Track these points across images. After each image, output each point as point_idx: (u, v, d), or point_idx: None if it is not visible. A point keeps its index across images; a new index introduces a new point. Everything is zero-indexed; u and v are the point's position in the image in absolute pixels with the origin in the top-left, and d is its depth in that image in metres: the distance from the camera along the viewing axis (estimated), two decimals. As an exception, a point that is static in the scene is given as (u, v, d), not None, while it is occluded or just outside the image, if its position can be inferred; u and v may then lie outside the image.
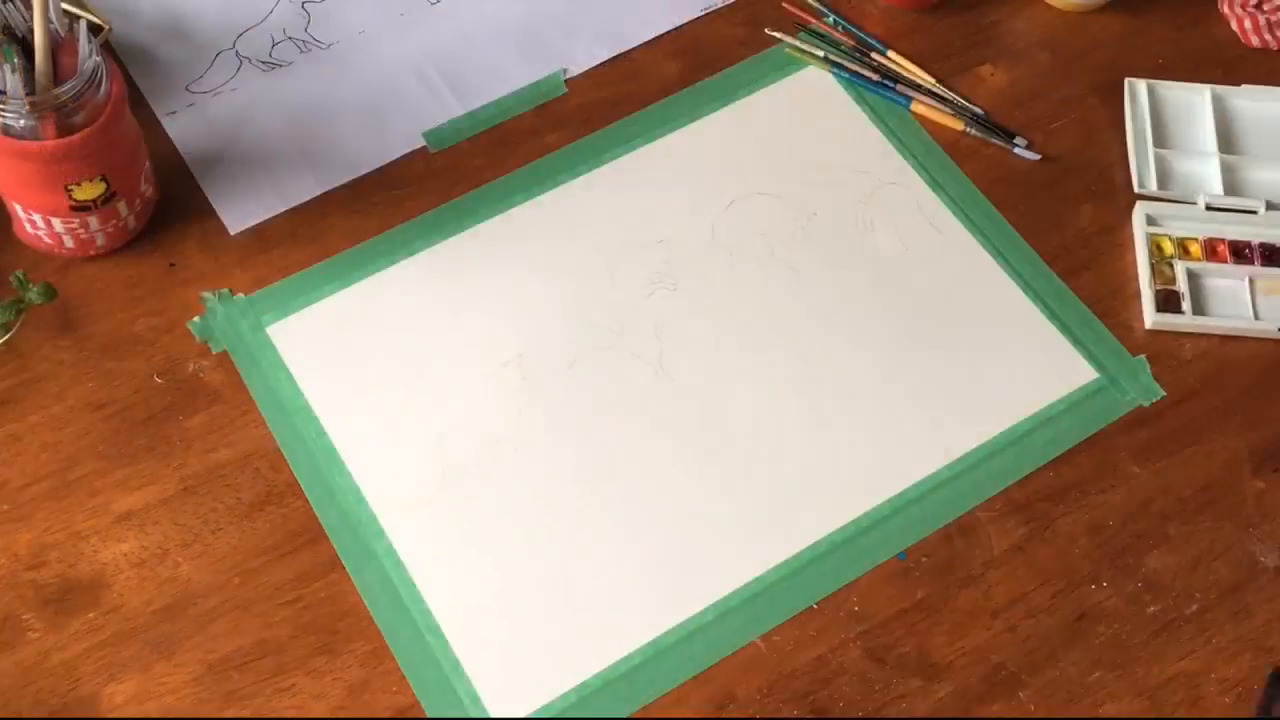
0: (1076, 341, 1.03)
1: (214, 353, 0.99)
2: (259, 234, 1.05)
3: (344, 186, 1.07)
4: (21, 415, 0.96)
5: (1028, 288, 1.05)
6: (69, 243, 1.01)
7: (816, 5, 1.18)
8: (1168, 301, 1.04)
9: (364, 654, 0.89)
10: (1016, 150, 1.11)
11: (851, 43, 1.16)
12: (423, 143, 1.09)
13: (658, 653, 0.90)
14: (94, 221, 0.99)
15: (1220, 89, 1.14)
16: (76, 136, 0.94)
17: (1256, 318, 1.04)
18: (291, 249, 1.04)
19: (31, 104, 0.92)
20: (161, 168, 1.06)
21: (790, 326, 1.02)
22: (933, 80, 1.14)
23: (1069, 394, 1.00)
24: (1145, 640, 0.91)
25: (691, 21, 1.17)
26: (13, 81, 0.92)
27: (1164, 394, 1.01)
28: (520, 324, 1.01)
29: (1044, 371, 1.01)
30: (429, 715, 0.87)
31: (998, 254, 1.06)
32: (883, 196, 1.09)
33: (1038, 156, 1.11)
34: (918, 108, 1.13)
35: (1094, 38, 1.18)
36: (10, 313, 0.97)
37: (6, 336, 0.97)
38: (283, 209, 1.06)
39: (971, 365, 1.01)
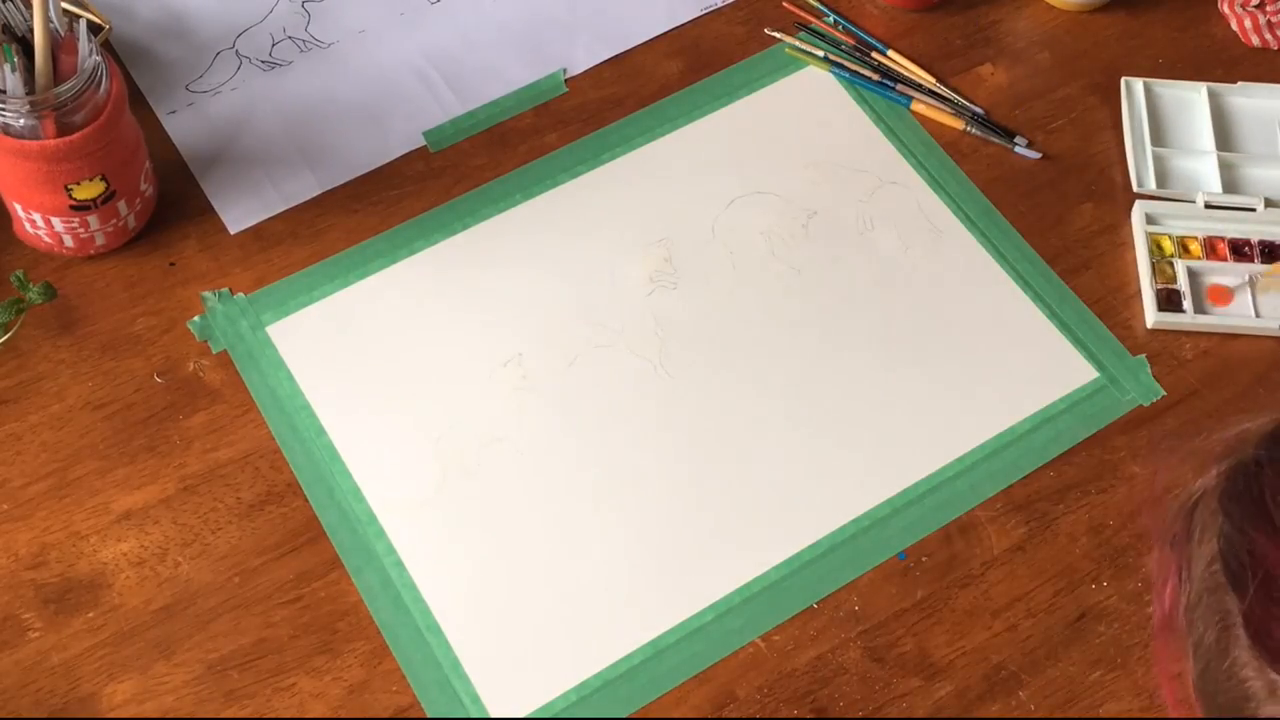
0: (1077, 341, 1.03)
1: (214, 352, 0.99)
2: (259, 233, 1.05)
3: (344, 186, 1.07)
4: (21, 415, 0.96)
5: (1028, 287, 1.05)
6: (69, 242, 1.01)
7: (816, 5, 1.18)
8: (1169, 300, 1.04)
9: (364, 654, 0.89)
10: (1017, 149, 1.11)
11: (852, 42, 1.16)
12: (423, 142, 1.09)
13: (658, 653, 0.90)
14: (94, 221, 0.99)
15: (1217, 87, 1.14)
16: (76, 136, 0.94)
17: (1257, 315, 1.04)
18: (291, 248, 1.04)
19: (31, 103, 0.92)
20: (161, 167, 1.06)
21: (790, 325, 1.02)
22: (933, 80, 1.14)
23: (1069, 394, 1.00)
24: (1145, 640, 0.91)
25: (691, 21, 1.17)
26: (13, 81, 0.92)
27: (1164, 393, 1.01)
28: (520, 323, 1.01)
29: (1044, 371, 1.01)
30: (429, 715, 0.87)
31: (998, 253, 1.06)
32: (883, 196, 1.09)
33: (1038, 155, 1.11)
34: (918, 107, 1.13)
35: (1094, 38, 1.18)
36: (10, 312, 0.97)
37: (6, 336, 0.97)
38: (283, 208, 1.06)
39: (971, 365, 1.01)
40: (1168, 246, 1.07)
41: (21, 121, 0.93)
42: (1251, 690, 0.55)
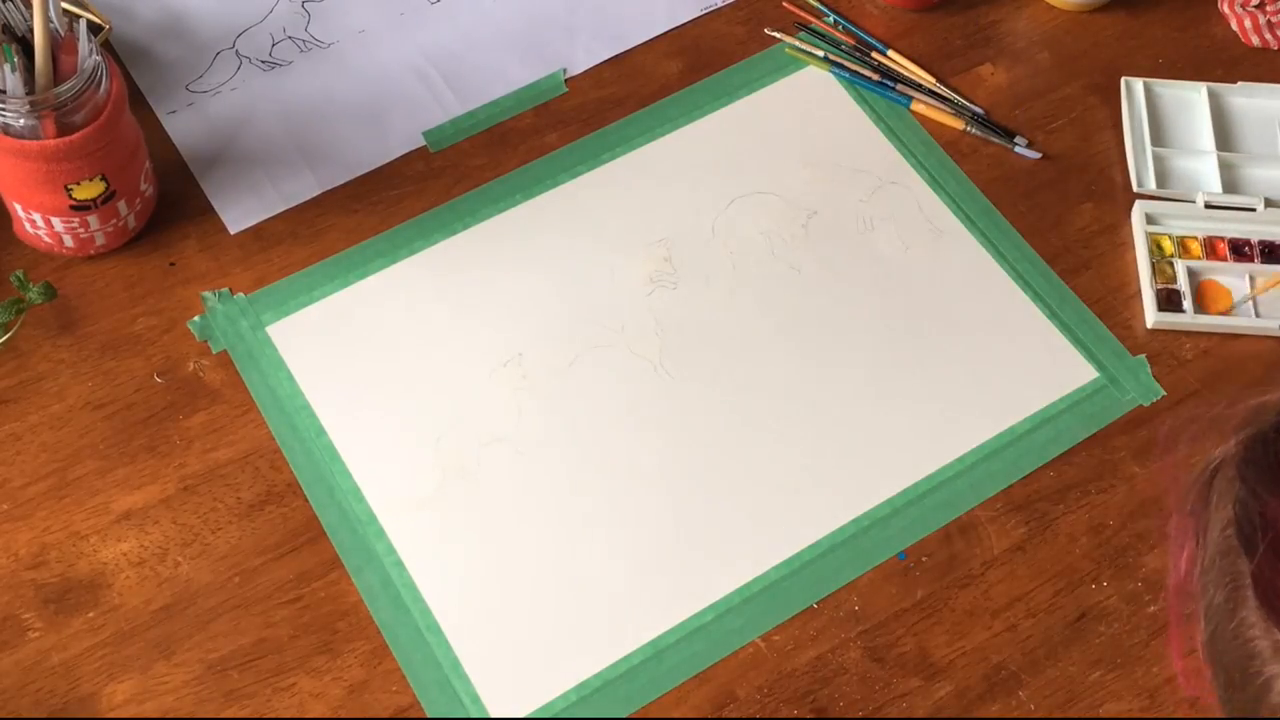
0: (1077, 341, 1.03)
1: (214, 352, 0.99)
2: (259, 233, 1.05)
3: (344, 186, 1.07)
4: (21, 415, 0.96)
5: (1028, 287, 1.05)
6: (69, 242, 1.01)
7: (816, 5, 1.18)
8: (1169, 300, 1.04)
9: (364, 654, 0.89)
10: (1017, 149, 1.11)
11: (852, 42, 1.16)
12: (423, 142, 1.09)
13: (658, 653, 0.90)
14: (94, 221, 0.99)
15: (1216, 86, 1.14)
16: (76, 136, 0.94)
17: (1257, 315, 1.04)
18: (291, 248, 1.04)
19: (31, 103, 0.92)
20: (161, 167, 1.06)
21: (790, 325, 1.02)
22: (933, 80, 1.14)
23: (1069, 394, 1.00)
24: (1145, 640, 0.91)
25: (691, 21, 1.17)
26: (13, 81, 0.92)
27: (1164, 393, 1.01)
28: (520, 323, 1.01)
29: (1044, 371, 1.01)
30: (429, 715, 0.87)
31: (998, 253, 1.06)
32: (883, 196, 1.09)
33: (1038, 155, 1.11)
34: (918, 107, 1.13)
35: (1094, 37, 1.18)
36: (10, 312, 0.97)
37: (6, 336, 0.97)
38: (283, 208, 1.06)
39: (971, 365, 1.01)
40: (1168, 246, 1.07)
41: (21, 121, 0.93)
42: (1257, 649, 0.55)
